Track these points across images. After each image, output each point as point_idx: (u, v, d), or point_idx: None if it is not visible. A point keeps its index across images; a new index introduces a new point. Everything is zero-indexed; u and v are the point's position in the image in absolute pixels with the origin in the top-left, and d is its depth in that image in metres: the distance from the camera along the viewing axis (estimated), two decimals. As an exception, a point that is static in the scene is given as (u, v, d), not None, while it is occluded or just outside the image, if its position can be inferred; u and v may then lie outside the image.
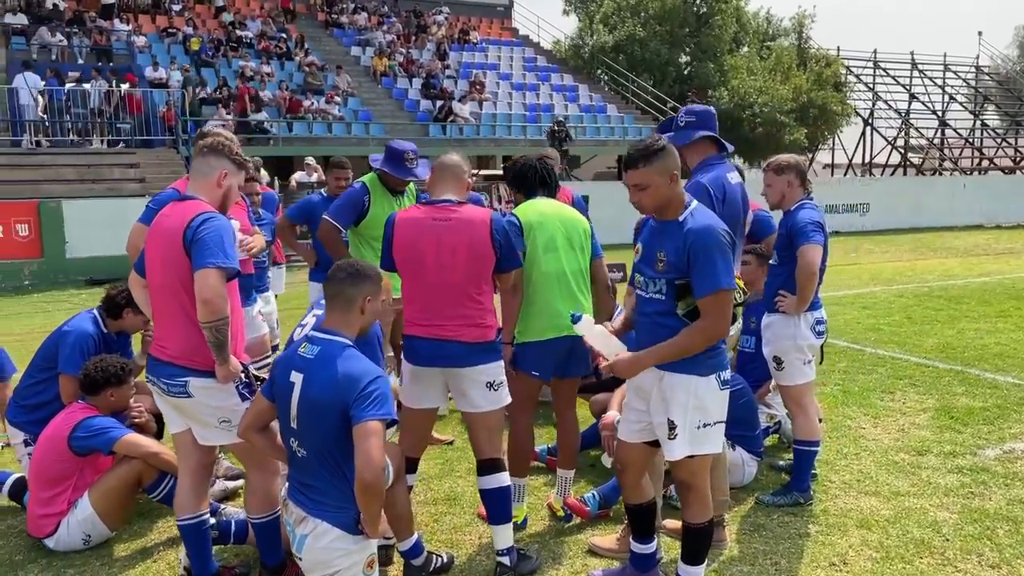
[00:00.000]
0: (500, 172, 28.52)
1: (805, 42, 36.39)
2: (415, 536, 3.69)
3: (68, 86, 18.92)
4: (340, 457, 2.93)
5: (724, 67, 32.05)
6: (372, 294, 3.12)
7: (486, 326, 3.64)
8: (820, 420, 4.89)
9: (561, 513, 4.35)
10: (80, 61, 22.26)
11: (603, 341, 3.32)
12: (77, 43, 22.75)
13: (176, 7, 26.60)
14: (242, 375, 3.37)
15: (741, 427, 4.72)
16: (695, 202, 3.26)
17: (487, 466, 3.71)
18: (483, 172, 30.06)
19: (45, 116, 18.55)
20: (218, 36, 24.98)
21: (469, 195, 6.19)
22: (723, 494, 4.06)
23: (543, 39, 33.83)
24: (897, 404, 6.35)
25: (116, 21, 24.34)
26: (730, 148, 4.01)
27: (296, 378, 3.01)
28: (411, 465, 3.88)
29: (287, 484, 3.18)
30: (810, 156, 37.46)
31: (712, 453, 3.31)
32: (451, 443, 5.51)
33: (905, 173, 34.47)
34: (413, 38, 28.60)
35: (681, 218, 3.20)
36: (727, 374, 3.29)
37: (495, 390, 3.68)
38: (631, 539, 3.64)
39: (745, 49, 35.48)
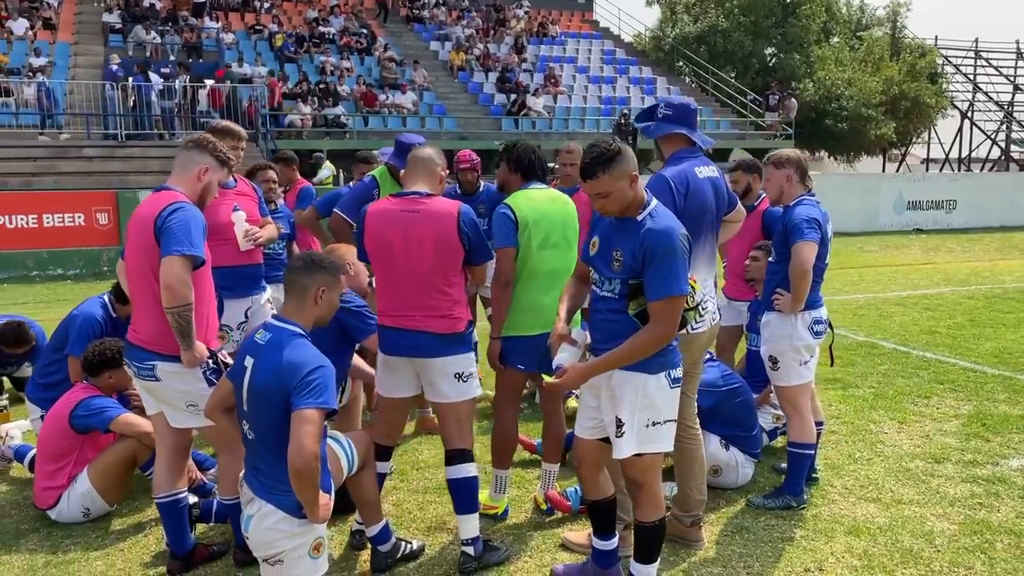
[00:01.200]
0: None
1: (899, 31, 34.95)
2: (383, 522, 3.76)
3: (157, 81, 19.79)
4: (282, 442, 3.01)
5: (811, 58, 31.11)
6: (327, 285, 3.19)
7: (455, 317, 3.68)
8: (820, 424, 4.76)
9: (544, 507, 4.36)
10: (172, 58, 23.24)
11: (564, 349, 3.31)
12: (169, 40, 23.73)
13: (264, 5, 27.45)
14: (209, 361, 3.51)
15: (736, 427, 4.65)
16: (655, 201, 3.23)
17: (454, 456, 3.76)
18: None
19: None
20: (302, 32, 25.68)
21: (484, 186, 6.36)
22: (700, 494, 4.01)
23: (624, 32, 33.61)
24: (929, 409, 6.10)
25: (207, 19, 25.30)
26: (705, 145, 3.92)
27: (248, 363, 3.12)
28: (385, 453, 3.96)
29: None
30: (901, 151, 36.02)
31: (662, 451, 3.27)
32: None
33: (1008, 168, 32.78)
34: (492, 32, 28.76)
35: (640, 218, 3.17)
36: (678, 372, 3.24)
37: (464, 381, 3.73)
38: (592, 535, 3.63)
39: (836, 40, 34.34)
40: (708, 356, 4.79)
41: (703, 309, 3.71)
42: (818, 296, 4.45)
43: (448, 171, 3.93)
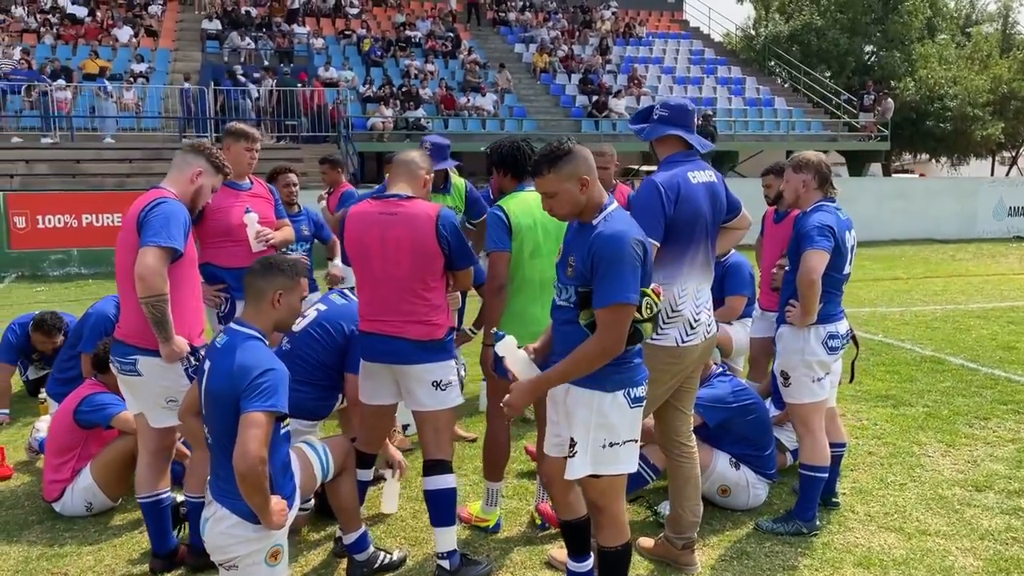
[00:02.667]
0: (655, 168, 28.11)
1: (1011, 27, 32.99)
2: (361, 530, 3.72)
3: (250, 85, 20.47)
4: (234, 446, 2.99)
5: (912, 56, 29.68)
6: (284, 288, 3.16)
7: (433, 324, 3.60)
8: (842, 445, 4.46)
9: (539, 521, 4.23)
10: (265, 63, 23.98)
11: (523, 367, 3.14)
12: (262, 45, 24.50)
13: (353, 10, 28.04)
14: (191, 357, 3.53)
15: (748, 446, 4.41)
16: (613, 206, 3.07)
17: (431, 467, 3.67)
18: (644, 168, 29.76)
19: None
20: (389, 37, 26.10)
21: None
22: (694, 515, 3.81)
23: (714, 31, 32.80)
24: (985, 432, 5.67)
25: (300, 24, 26.01)
26: (701, 148, 3.70)
27: (207, 365, 3.12)
28: (367, 460, 3.91)
29: None
30: (1013, 153, 34.00)
31: (622, 473, 3.10)
32: (474, 440, 5.49)
33: None
34: (577, 34, 28.58)
35: (595, 222, 3.02)
36: (640, 391, 3.06)
37: (442, 390, 3.64)
38: (567, 556, 3.48)
39: (941, 37, 32.69)
40: (721, 370, 4.57)
41: (667, 321, 3.51)
42: (836, 309, 4.16)
43: (432, 175, 3.84)
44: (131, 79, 20.94)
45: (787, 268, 4.27)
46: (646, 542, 3.98)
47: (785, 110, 25.52)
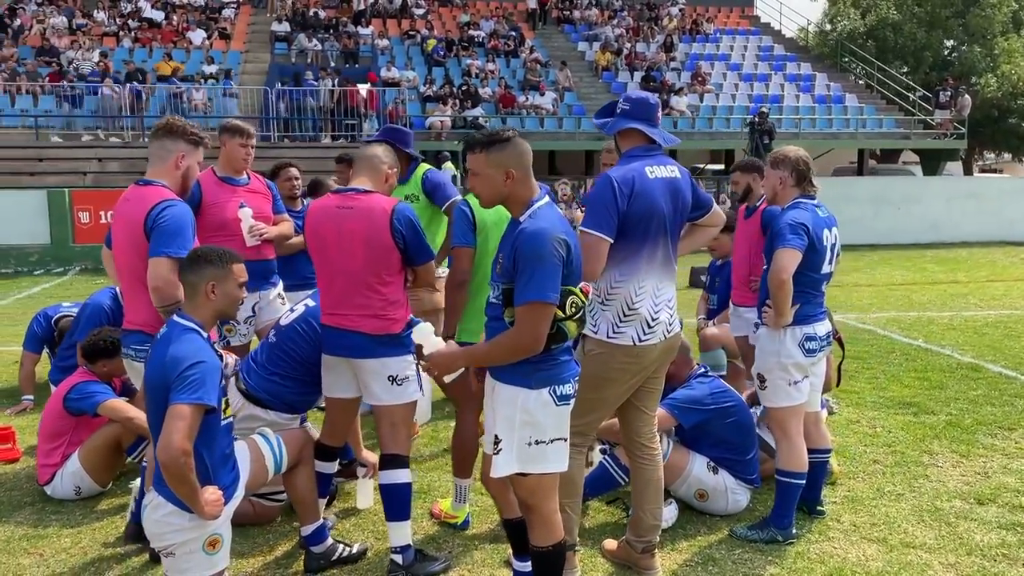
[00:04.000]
0: (721, 167, 27.62)
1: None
2: (318, 523, 3.75)
3: (310, 85, 20.92)
4: None
5: (994, 51, 28.38)
6: (216, 279, 3.18)
7: (389, 318, 3.61)
8: (826, 451, 4.29)
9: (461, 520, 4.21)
10: (332, 64, 24.46)
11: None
12: (329, 47, 24.98)
13: (419, 11, 28.35)
14: None
15: (727, 449, 4.30)
16: (542, 202, 3.03)
17: (387, 461, 3.69)
18: (711, 167, 29.24)
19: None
20: (452, 37, 26.31)
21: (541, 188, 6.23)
22: (654, 518, 3.72)
23: (787, 27, 31.93)
24: (1006, 443, 5.39)
25: (366, 26, 26.43)
26: (666, 143, 3.61)
27: (150, 356, 3.19)
28: (331, 453, 3.94)
29: None
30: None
31: (550, 472, 3.04)
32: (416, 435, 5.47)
33: None
34: (641, 31, 28.27)
35: (521, 219, 2.99)
36: (568, 387, 3.01)
37: (399, 384, 3.65)
38: (511, 555, 3.44)
39: (1030, 29, 31.19)
40: (702, 370, 4.46)
41: (624, 320, 3.42)
42: (815, 311, 4.02)
43: (395, 169, 3.83)
44: (201, 80, 21.64)
45: (765, 267, 4.14)
46: (609, 544, 3.91)
47: (856, 107, 24.72)
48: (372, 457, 4.44)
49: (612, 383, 3.52)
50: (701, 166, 28.52)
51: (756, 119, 18.06)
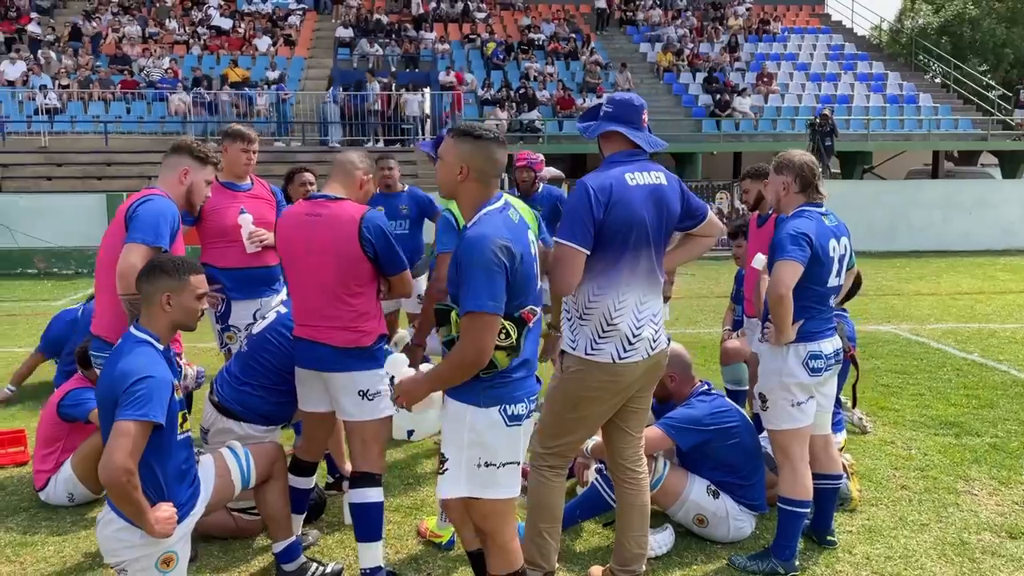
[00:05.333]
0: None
1: None
2: (290, 540, 3.65)
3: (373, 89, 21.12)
4: None
5: (1083, 46, 26.94)
6: (171, 290, 3.10)
7: (360, 331, 3.47)
8: (837, 477, 3.99)
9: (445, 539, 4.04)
10: (392, 68, 24.65)
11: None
12: (390, 52, 25.18)
13: (481, 15, 28.35)
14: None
15: (729, 473, 4.05)
16: (491, 207, 2.88)
17: (357, 479, 3.56)
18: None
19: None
20: (513, 40, 26.21)
21: (545, 188, 6.05)
22: (639, 547, 3.51)
23: (859, 25, 30.95)
24: (1053, 470, 4.97)
25: (426, 30, 26.55)
26: (651, 147, 3.38)
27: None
28: (307, 469, 3.83)
29: None
30: None
31: (503, 498, 2.86)
32: None
33: None
34: (706, 31, 27.70)
35: (468, 224, 2.84)
36: (520, 407, 2.84)
37: (369, 400, 3.51)
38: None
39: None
40: (704, 388, 4.21)
41: (602, 336, 3.21)
42: (821, 327, 3.73)
43: (370, 175, 3.70)
44: (265, 85, 22.03)
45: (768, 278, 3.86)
46: (595, 572, 3.71)
47: (930, 107, 23.73)
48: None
49: (591, 402, 3.32)
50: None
51: (817, 120, 17.39)
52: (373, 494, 3.53)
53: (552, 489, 3.43)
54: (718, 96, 22.87)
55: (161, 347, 3.10)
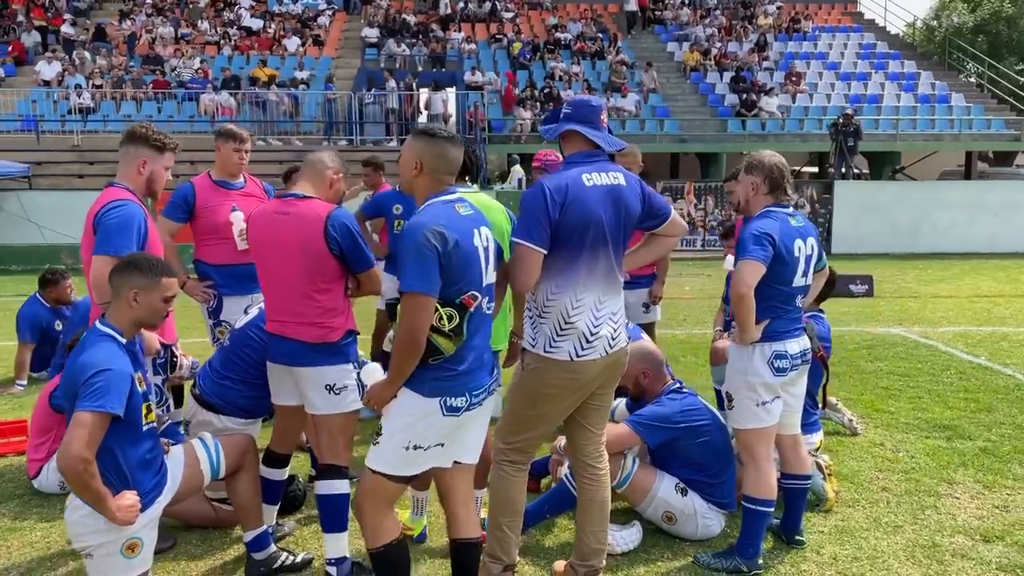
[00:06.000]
0: (816, 170, 26.54)
1: None
2: (261, 529, 3.74)
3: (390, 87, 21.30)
4: None
5: (1123, 44, 26.30)
6: (140, 288, 3.19)
7: (327, 327, 3.56)
8: (804, 478, 4.00)
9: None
10: (419, 68, 24.83)
11: None
12: (416, 52, 25.35)
13: (508, 14, 28.41)
14: (161, 350, 3.72)
15: (698, 471, 4.08)
16: (434, 200, 3.05)
17: (323, 471, 3.64)
18: (807, 169, 28.16)
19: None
20: (539, 40, 26.25)
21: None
22: (598, 542, 3.55)
23: (893, 24, 30.45)
24: (1041, 475, 4.92)
25: (453, 31, 26.69)
26: (610, 147, 3.41)
27: None
28: (280, 460, 3.93)
29: None
30: None
31: (392, 475, 3.04)
32: None
33: None
34: (734, 31, 27.49)
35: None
36: (460, 400, 2.95)
37: (336, 394, 3.60)
38: None
39: None
40: (676, 385, 4.24)
41: (560, 334, 3.27)
42: (787, 327, 3.74)
43: (341, 174, 3.77)
44: (292, 86, 22.31)
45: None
46: (558, 566, 3.75)
47: (962, 107, 23.32)
48: None
49: (550, 399, 3.38)
50: (798, 168, 27.50)
51: (840, 120, 17.14)
52: (340, 486, 3.61)
53: (513, 484, 3.50)
54: (744, 96, 22.71)
55: (124, 341, 3.20)
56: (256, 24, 26.94)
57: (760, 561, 3.79)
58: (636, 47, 26.56)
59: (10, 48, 24.32)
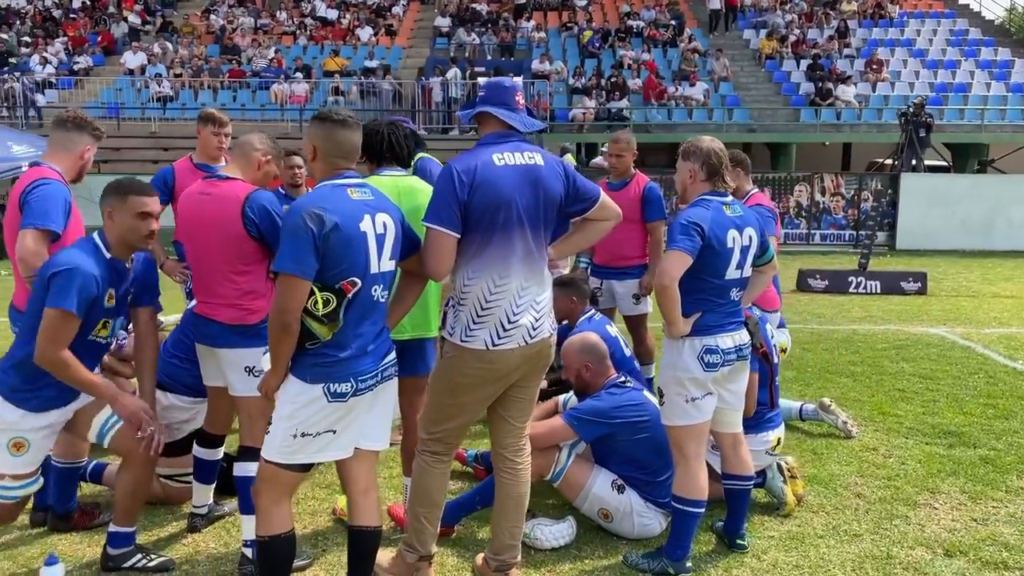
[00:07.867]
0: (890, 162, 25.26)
1: None
2: (128, 529, 3.68)
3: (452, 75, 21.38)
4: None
5: None
6: (112, 207, 3.38)
7: (245, 309, 3.56)
8: (745, 479, 3.81)
9: (397, 521, 4.06)
10: (488, 57, 24.86)
11: None
12: (487, 41, 25.36)
13: (581, 2, 28.12)
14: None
15: (636, 468, 3.95)
16: (324, 183, 3.02)
17: (242, 453, 3.66)
18: (888, 160, 26.87)
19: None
20: (610, 27, 25.88)
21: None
22: (512, 537, 3.47)
23: (989, 9, 28.79)
24: (1037, 488, 4.57)
25: (525, 19, 26.58)
26: (525, 128, 3.29)
27: None
28: (213, 441, 3.96)
29: None
30: None
31: (289, 463, 3.00)
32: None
33: None
34: (815, 17, 26.51)
35: None
36: (345, 386, 2.92)
37: (255, 376, 3.58)
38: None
39: None
40: (620, 379, 4.09)
41: (476, 321, 3.18)
42: (718, 320, 3.56)
43: (270, 157, 3.75)
44: (358, 75, 22.64)
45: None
46: (478, 559, 3.67)
47: (1059, 97, 21.95)
48: None
49: (468, 389, 3.30)
50: (880, 160, 26.32)
51: (911, 110, 16.26)
52: (254, 468, 3.61)
53: (432, 475, 3.44)
54: (820, 84, 21.88)
55: (108, 256, 3.38)
56: (332, 14, 27.44)
57: (688, 564, 3.63)
58: (711, 34, 25.90)
59: (99, 38, 25.48)
